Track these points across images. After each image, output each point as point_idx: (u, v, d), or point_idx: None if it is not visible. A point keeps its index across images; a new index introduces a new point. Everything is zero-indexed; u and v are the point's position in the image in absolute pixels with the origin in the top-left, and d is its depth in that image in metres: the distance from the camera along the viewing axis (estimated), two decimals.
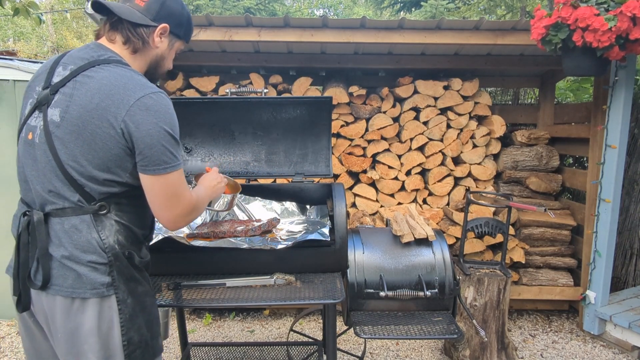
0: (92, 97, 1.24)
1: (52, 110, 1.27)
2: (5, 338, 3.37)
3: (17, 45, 14.73)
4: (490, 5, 5.97)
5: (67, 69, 1.31)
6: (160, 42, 1.41)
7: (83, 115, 1.24)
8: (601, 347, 3.31)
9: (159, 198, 1.31)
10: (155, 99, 1.27)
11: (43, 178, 1.30)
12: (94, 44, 1.37)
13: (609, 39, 2.58)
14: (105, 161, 1.26)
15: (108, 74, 1.27)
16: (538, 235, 3.64)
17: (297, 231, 2.07)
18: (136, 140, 1.25)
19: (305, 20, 3.32)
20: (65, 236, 1.29)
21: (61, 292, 1.28)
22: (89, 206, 1.29)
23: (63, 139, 1.26)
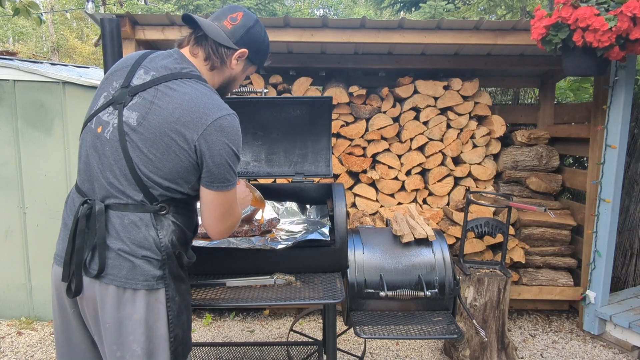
0: (173, 111, 1.30)
1: (128, 112, 1.33)
2: (5, 338, 3.37)
3: (16, 47, 14.73)
4: (490, 5, 5.96)
5: (148, 74, 1.36)
6: (237, 65, 1.48)
7: (162, 126, 1.30)
8: (601, 347, 3.31)
9: (215, 212, 1.40)
10: (229, 121, 1.34)
11: (109, 173, 1.34)
12: (177, 54, 1.43)
13: (609, 39, 2.58)
14: (173, 172, 1.32)
15: (190, 90, 1.34)
16: (538, 235, 3.64)
17: (297, 231, 2.07)
18: (206, 158, 1.32)
19: (305, 20, 3.32)
20: (123, 230, 1.33)
21: (115, 281, 1.32)
22: (151, 206, 1.34)
23: (138, 144, 1.31)
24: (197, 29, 1.42)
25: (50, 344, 3.30)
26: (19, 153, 3.50)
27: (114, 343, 1.34)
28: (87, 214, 1.34)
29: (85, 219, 1.34)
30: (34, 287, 3.63)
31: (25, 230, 3.57)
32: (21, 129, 3.49)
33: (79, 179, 1.44)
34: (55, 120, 3.48)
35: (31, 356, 3.14)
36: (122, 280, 1.32)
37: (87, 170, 1.39)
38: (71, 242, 1.35)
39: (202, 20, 1.41)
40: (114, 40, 2.09)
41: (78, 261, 1.34)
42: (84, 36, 16.36)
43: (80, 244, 1.34)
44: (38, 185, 3.53)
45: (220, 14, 1.47)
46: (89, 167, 1.39)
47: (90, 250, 1.34)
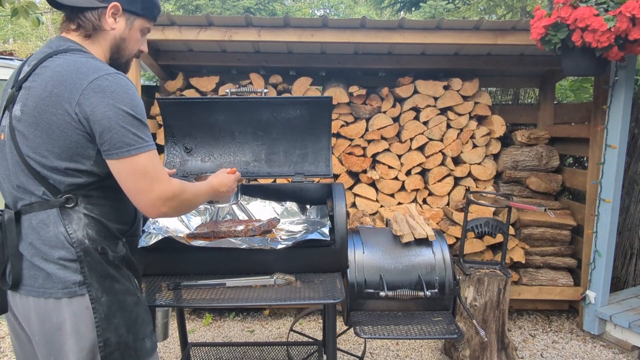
0: (45, 86, 1.22)
1: (16, 107, 1.27)
2: (5, 338, 3.37)
3: (15, 46, 14.71)
4: (490, 5, 5.96)
5: (30, 65, 1.29)
6: (115, 23, 1.35)
7: (38, 105, 1.21)
8: (601, 347, 3.31)
9: (128, 182, 1.24)
10: (110, 80, 1.21)
11: (11, 175, 1.29)
12: (55, 38, 1.35)
13: (608, 40, 2.58)
14: (65, 150, 1.22)
15: (62, 61, 1.24)
16: (538, 235, 3.64)
17: (297, 231, 2.07)
18: (93, 125, 1.20)
19: (305, 20, 3.33)
20: (32, 232, 1.26)
21: (32, 292, 1.25)
22: (55, 199, 1.25)
23: (24, 132, 1.24)
24: (60, 6, 1.32)
25: None
26: None
27: (49, 355, 1.26)
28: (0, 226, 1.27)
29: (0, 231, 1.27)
30: None
31: None
32: None
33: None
34: None
35: None
36: (39, 290, 1.24)
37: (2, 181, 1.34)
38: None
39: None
40: None
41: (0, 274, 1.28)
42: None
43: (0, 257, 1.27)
44: None
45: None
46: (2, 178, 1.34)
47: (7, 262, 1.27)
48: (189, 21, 3.24)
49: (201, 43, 3.60)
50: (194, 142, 2.40)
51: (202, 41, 3.41)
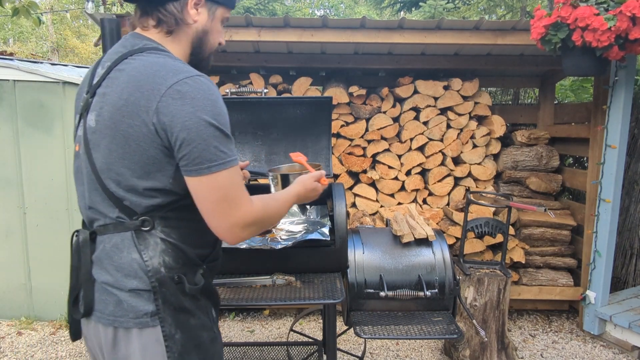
0: (121, 93, 1.06)
1: (90, 115, 1.12)
2: (5, 338, 3.37)
3: (15, 46, 14.72)
4: (490, 5, 5.96)
5: (104, 67, 1.14)
6: (198, 15, 1.20)
7: (114, 115, 1.06)
8: (601, 347, 3.31)
9: (206, 203, 1.08)
10: (191, 84, 1.05)
11: (85, 192, 1.16)
12: (129, 35, 1.20)
13: (609, 39, 2.58)
14: (142, 166, 1.07)
15: (138, 64, 1.09)
16: (538, 235, 3.64)
17: (297, 231, 2.07)
18: (172, 136, 1.03)
19: (305, 20, 3.33)
20: (106, 257, 1.13)
21: (102, 319, 1.12)
22: (130, 221, 1.10)
23: (99, 146, 1.09)
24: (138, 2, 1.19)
25: (51, 344, 3.30)
26: (19, 153, 3.50)
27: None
28: (75, 247, 1.17)
29: (75, 253, 1.17)
30: (34, 287, 3.63)
31: (25, 230, 3.57)
32: (21, 129, 3.49)
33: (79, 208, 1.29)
34: (55, 120, 3.48)
35: (31, 356, 3.14)
36: (109, 318, 1.11)
37: (78, 197, 1.23)
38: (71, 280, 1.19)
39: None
40: (114, 41, 2.08)
41: (72, 300, 1.18)
42: (82, 36, 16.35)
43: (73, 282, 1.17)
44: (38, 185, 3.53)
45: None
46: (77, 193, 1.22)
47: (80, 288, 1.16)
48: None
49: None
50: None
51: None
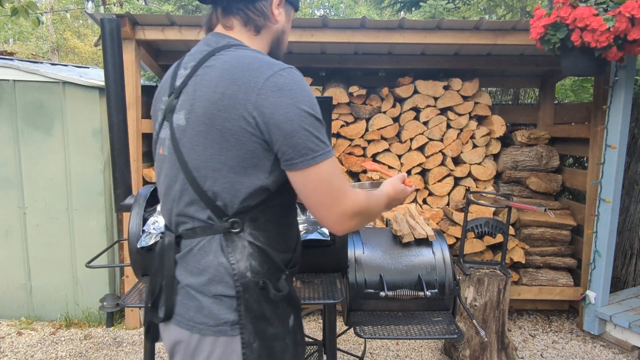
0: (215, 87, 1.03)
1: (177, 115, 1.09)
2: (5, 338, 3.37)
3: (15, 46, 14.71)
4: (490, 5, 5.96)
5: (187, 68, 1.13)
6: (280, 15, 1.20)
7: (209, 110, 1.02)
8: (601, 347, 3.31)
9: (314, 195, 1.05)
10: (286, 76, 1.04)
11: (173, 194, 1.13)
12: (210, 35, 1.18)
13: (607, 39, 2.58)
14: (239, 160, 1.03)
15: (229, 58, 1.06)
16: (538, 235, 3.64)
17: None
18: (273, 129, 1.01)
19: (305, 20, 3.33)
20: (192, 260, 1.10)
21: (182, 323, 1.10)
22: (220, 223, 1.07)
23: (191, 143, 1.06)
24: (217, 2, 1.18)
25: (51, 344, 3.30)
26: (19, 153, 3.50)
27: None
28: (159, 249, 1.15)
29: (158, 256, 1.15)
30: (34, 287, 3.63)
31: (25, 230, 3.57)
32: (21, 129, 3.49)
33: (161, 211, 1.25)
34: (55, 121, 3.48)
35: (31, 356, 3.14)
36: (189, 322, 1.09)
37: (161, 200, 1.20)
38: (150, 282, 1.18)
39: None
40: (114, 41, 2.09)
41: (152, 303, 1.17)
42: (82, 36, 16.35)
43: (153, 285, 1.16)
44: (38, 185, 3.53)
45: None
46: (162, 196, 1.19)
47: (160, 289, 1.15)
48: (189, 21, 3.24)
49: None
50: None
51: None
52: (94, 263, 2.05)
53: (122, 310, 3.60)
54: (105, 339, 3.36)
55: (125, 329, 3.51)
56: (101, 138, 3.48)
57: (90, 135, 3.48)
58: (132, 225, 1.93)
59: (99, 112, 3.46)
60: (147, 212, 2.00)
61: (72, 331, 3.49)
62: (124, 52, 3.04)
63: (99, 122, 3.47)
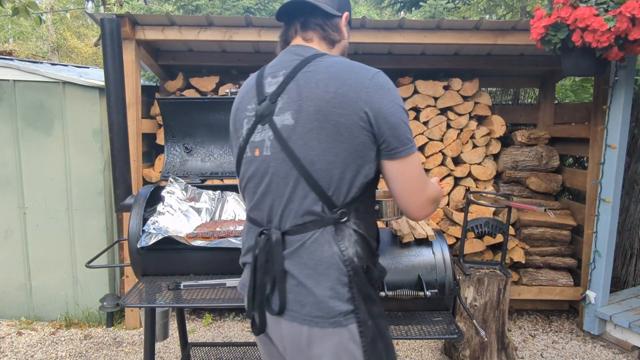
0: (326, 87, 1.13)
1: (280, 117, 1.17)
2: (5, 338, 3.37)
3: (14, 46, 14.71)
4: (490, 5, 5.96)
5: (278, 76, 1.22)
6: (346, 32, 1.34)
7: (322, 107, 1.12)
8: (601, 347, 3.31)
9: (408, 183, 1.18)
10: (383, 77, 1.17)
11: (281, 192, 1.18)
12: (294, 47, 1.28)
13: (608, 40, 2.58)
14: (351, 153, 1.13)
15: (331, 62, 1.18)
16: (538, 235, 3.64)
17: None
18: (382, 123, 1.13)
19: None
20: (306, 253, 1.16)
21: (298, 319, 1.15)
22: (331, 215, 1.15)
23: (304, 140, 1.14)
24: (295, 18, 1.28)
25: (51, 344, 3.30)
26: (19, 153, 3.50)
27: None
28: (264, 246, 1.20)
29: (264, 252, 1.20)
30: (34, 287, 3.63)
31: (25, 230, 3.57)
32: (21, 129, 3.49)
33: (249, 211, 1.29)
34: (55, 121, 3.48)
35: (31, 356, 3.14)
36: (305, 317, 1.14)
37: (258, 199, 1.24)
38: (252, 278, 1.22)
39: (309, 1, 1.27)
40: (114, 41, 2.09)
41: (260, 298, 1.21)
42: (82, 36, 16.34)
43: (262, 279, 1.20)
44: (38, 185, 3.53)
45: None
46: (259, 196, 1.24)
47: (271, 284, 1.20)
48: (189, 21, 3.24)
49: (201, 43, 3.60)
50: (194, 142, 2.41)
51: (202, 41, 3.41)
52: (94, 263, 2.05)
53: (122, 310, 3.60)
54: (105, 339, 3.36)
55: (125, 329, 3.51)
56: (101, 138, 3.48)
57: (90, 135, 3.48)
58: (132, 225, 1.93)
59: (99, 112, 3.46)
60: (147, 212, 2.01)
61: (72, 331, 3.49)
62: (124, 52, 3.04)
63: (99, 122, 3.47)
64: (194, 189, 2.27)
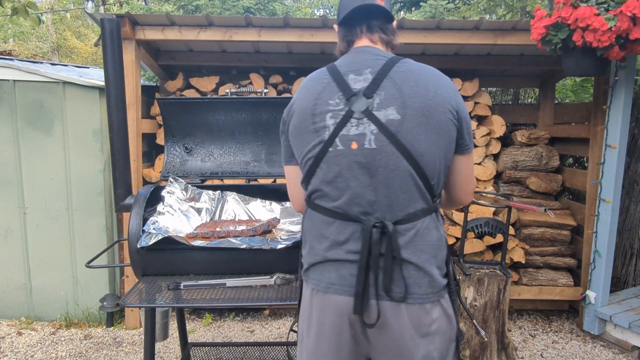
0: (427, 87, 1.25)
1: (382, 112, 1.24)
2: (5, 338, 3.37)
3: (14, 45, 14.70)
4: (490, 5, 5.95)
5: (363, 73, 1.29)
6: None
7: (427, 105, 1.23)
8: (601, 347, 3.31)
9: (468, 175, 1.39)
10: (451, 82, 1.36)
11: (389, 183, 1.24)
12: (368, 47, 1.37)
13: (609, 39, 2.58)
14: (446, 145, 1.27)
15: (419, 65, 1.31)
16: (538, 235, 3.64)
17: (297, 231, 2.07)
18: (462, 122, 1.30)
19: (305, 20, 3.33)
20: (420, 240, 1.26)
21: (418, 299, 1.25)
22: (434, 203, 1.30)
23: (412, 134, 1.22)
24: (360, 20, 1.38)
25: (51, 344, 3.30)
26: (19, 153, 3.50)
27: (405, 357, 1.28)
28: (379, 239, 1.24)
29: (379, 244, 1.24)
30: (34, 287, 3.63)
31: (25, 230, 3.57)
32: (21, 129, 3.49)
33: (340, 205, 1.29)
34: (55, 121, 3.48)
35: (31, 356, 3.14)
36: (423, 297, 1.25)
37: (357, 192, 1.26)
38: (364, 272, 1.24)
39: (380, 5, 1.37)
40: (114, 41, 2.09)
41: (376, 289, 1.25)
42: (82, 36, 16.34)
43: (375, 271, 1.25)
44: (38, 185, 3.53)
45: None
46: (359, 189, 1.26)
47: (389, 274, 1.24)
48: (189, 21, 3.24)
49: (201, 43, 3.60)
50: (194, 142, 2.40)
51: (202, 41, 3.41)
52: (94, 263, 2.05)
53: (122, 310, 3.60)
54: (105, 339, 3.36)
55: (125, 329, 3.51)
56: (101, 138, 3.48)
57: (90, 135, 3.48)
58: (132, 225, 1.93)
59: (99, 112, 3.46)
60: (147, 212, 2.00)
61: (72, 331, 3.49)
62: (124, 52, 3.04)
63: (99, 122, 3.47)
64: (194, 189, 2.27)
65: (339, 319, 1.30)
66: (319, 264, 1.33)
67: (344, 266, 1.28)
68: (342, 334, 1.31)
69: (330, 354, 1.34)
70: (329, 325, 1.31)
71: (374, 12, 1.37)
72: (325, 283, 1.31)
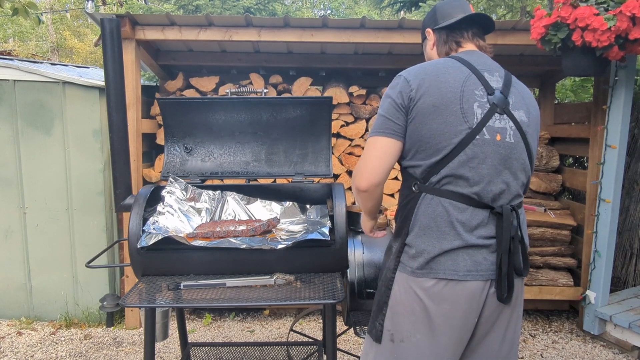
0: (531, 99, 1.49)
1: (517, 113, 1.43)
2: (5, 338, 3.37)
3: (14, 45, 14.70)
4: (490, 5, 5.95)
5: (494, 75, 1.45)
6: None
7: (536, 117, 1.50)
8: (601, 347, 3.31)
9: None
10: None
11: (515, 175, 1.42)
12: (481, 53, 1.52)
13: (608, 39, 2.58)
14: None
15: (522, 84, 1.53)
16: (538, 235, 3.64)
17: (297, 231, 2.07)
18: None
19: (305, 20, 3.33)
20: (524, 225, 1.48)
21: (526, 272, 1.45)
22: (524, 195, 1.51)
23: (532, 136, 1.46)
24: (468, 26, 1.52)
25: (51, 344, 3.30)
26: (19, 153, 3.50)
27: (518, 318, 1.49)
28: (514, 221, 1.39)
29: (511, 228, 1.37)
30: (34, 287, 3.63)
31: (25, 230, 3.57)
32: (21, 129, 3.49)
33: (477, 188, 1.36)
34: (55, 120, 3.48)
35: (31, 356, 3.14)
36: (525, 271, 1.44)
37: (492, 179, 1.37)
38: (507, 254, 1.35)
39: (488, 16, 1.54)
40: (114, 41, 2.09)
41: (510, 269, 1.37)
42: (81, 36, 16.33)
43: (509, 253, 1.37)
44: (38, 185, 3.53)
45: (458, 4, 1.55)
46: (493, 176, 1.38)
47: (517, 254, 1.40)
48: (189, 21, 3.24)
49: (201, 43, 3.60)
50: (194, 142, 2.40)
51: (202, 41, 3.41)
52: (94, 263, 2.05)
53: (122, 310, 3.60)
54: (105, 339, 3.36)
55: (125, 329, 3.51)
56: (101, 138, 3.48)
57: (90, 135, 3.48)
58: (132, 225, 1.93)
59: (99, 112, 3.46)
60: (147, 212, 2.00)
61: (72, 331, 3.49)
62: (124, 52, 3.05)
63: (99, 122, 3.47)
64: (194, 189, 2.27)
65: (468, 306, 1.35)
66: (451, 252, 1.35)
67: (478, 252, 1.35)
68: (469, 321, 1.37)
69: (452, 345, 1.38)
70: (460, 313, 1.35)
71: (478, 21, 1.53)
72: (463, 271, 1.34)
